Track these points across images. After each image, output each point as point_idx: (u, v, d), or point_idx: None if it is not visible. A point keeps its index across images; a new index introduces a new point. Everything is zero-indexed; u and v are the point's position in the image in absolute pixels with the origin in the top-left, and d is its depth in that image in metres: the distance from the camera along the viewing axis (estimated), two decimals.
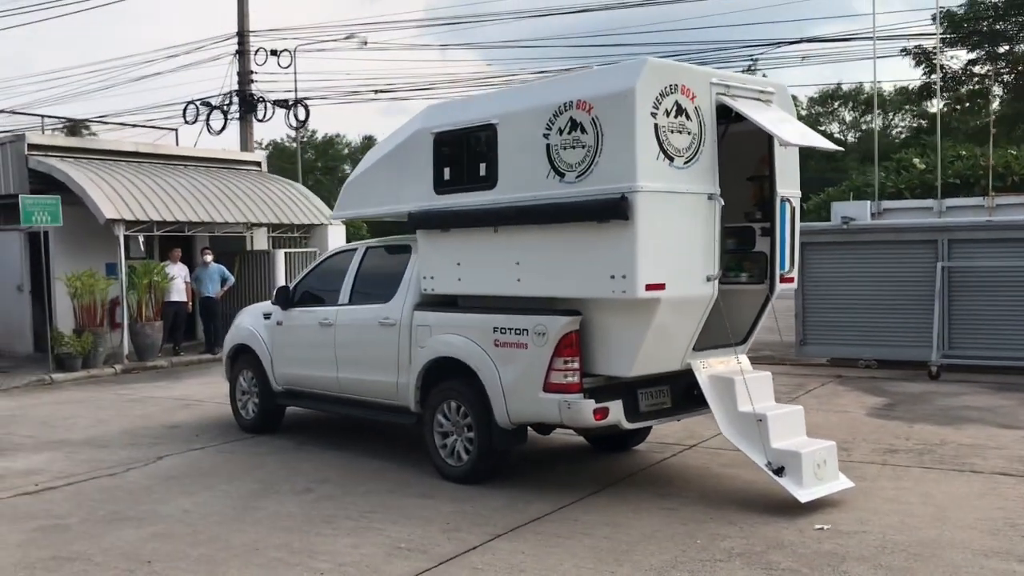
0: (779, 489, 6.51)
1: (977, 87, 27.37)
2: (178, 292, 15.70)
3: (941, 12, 24.15)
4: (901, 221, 13.77)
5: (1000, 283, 12.20)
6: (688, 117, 6.34)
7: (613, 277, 6.19)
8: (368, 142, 71.51)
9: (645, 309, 6.29)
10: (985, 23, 24.75)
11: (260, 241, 18.47)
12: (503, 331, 6.91)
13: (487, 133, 6.99)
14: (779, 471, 6.39)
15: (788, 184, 7.04)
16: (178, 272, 15.77)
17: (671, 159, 6.23)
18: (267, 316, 9.39)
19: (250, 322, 9.65)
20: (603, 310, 6.50)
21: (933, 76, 24.06)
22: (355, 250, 8.71)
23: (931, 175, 17.67)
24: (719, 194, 6.50)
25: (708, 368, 6.89)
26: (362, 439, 9.13)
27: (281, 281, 16.91)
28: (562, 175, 6.46)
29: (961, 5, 23.84)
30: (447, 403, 7.37)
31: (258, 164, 19.49)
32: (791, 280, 7.13)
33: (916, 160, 17.98)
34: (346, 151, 70.62)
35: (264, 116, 22.37)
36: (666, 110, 6.19)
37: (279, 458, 8.34)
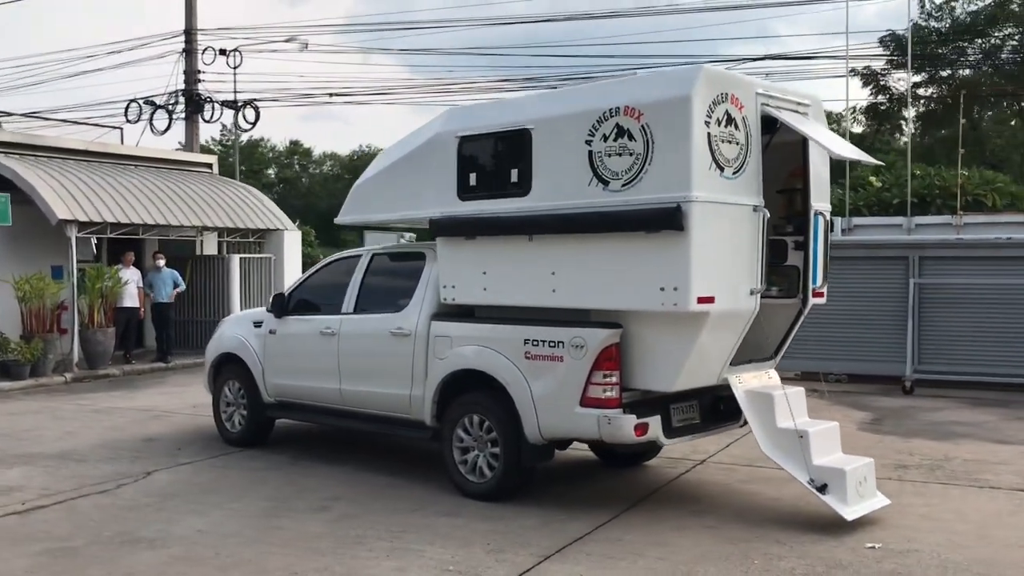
0: (810, 505, 6.50)
1: (923, 109, 28.29)
2: (131, 297, 15.02)
3: (887, 35, 24.95)
4: (873, 237, 13.97)
5: (970, 300, 12.45)
6: (736, 127, 6.22)
7: (663, 289, 6.03)
8: (295, 146, 70.44)
9: (692, 322, 6.14)
10: (929, 47, 25.53)
11: (210, 246, 17.84)
12: (535, 343, 6.68)
13: (520, 138, 6.77)
14: (822, 488, 6.30)
15: (820, 197, 6.98)
16: (131, 276, 15.09)
17: (721, 169, 6.11)
18: (258, 324, 8.97)
19: (238, 330, 9.21)
20: (646, 323, 6.32)
21: (880, 96, 24.93)
22: (359, 257, 8.37)
23: (888, 193, 18.05)
24: (763, 206, 6.40)
25: (744, 383, 6.78)
26: (359, 453, 8.78)
27: (236, 288, 16.39)
28: (606, 183, 6.28)
29: (906, 28, 24.55)
30: (469, 417, 7.10)
31: (209, 166, 18.86)
32: (822, 295, 7.07)
33: (872, 179, 18.37)
34: (271, 155, 69.38)
35: (212, 117, 21.71)
36: (718, 119, 6.07)
37: (280, 474, 7.94)
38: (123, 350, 15.19)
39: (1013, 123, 31.76)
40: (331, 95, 23.77)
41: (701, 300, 5.99)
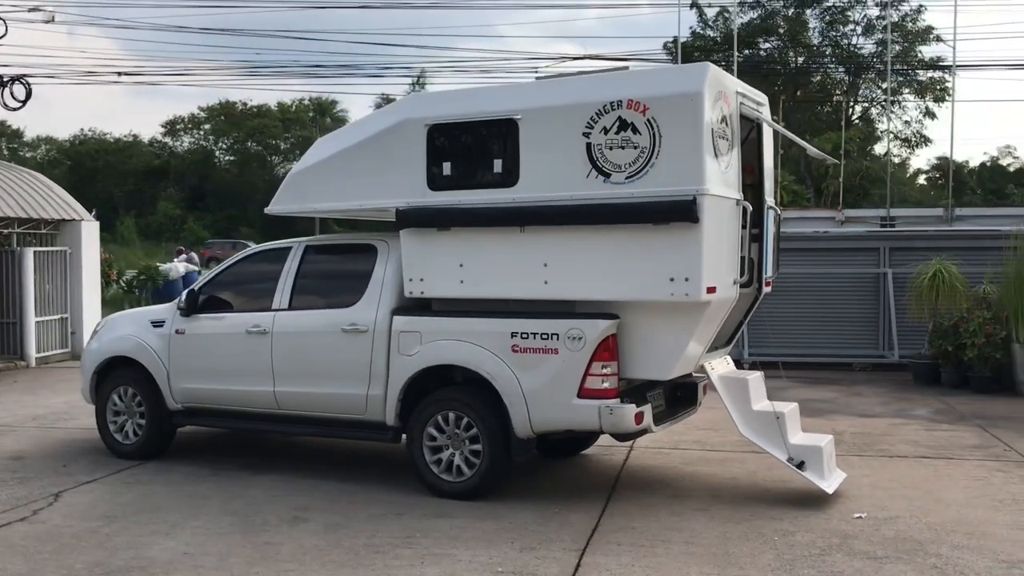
0: (771, 482, 7.09)
1: None
2: None
3: (671, 41, 26.56)
4: None
5: (792, 288, 13.60)
6: (727, 124, 6.47)
7: (673, 280, 6.16)
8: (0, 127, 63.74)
9: (694, 312, 6.33)
10: (711, 55, 27.48)
11: None
12: (524, 336, 6.59)
13: (505, 128, 6.64)
14: (800, 465, 6.71)
15: (770, 193, 7.40)
16: None
17: (719, 164, 6.33)
18: (158, 324, 8.16)
19: (130, 331, 8.32)
20: (646, 313, 6.42)
21: None
22: (288, 249, 7.83)
23: None
24: (743, 199, 6.70)
25: (715, 369, 7.07)
26: (280, 459, 8.24)
27: (31, 285, 14.70)
28: (607, 175, 6.31)
29: (687, 36, 26.32)
30: (443, 415, 6.88)
31: None
32: (770, 284, 7.49)
33: None
34: None
35: None
36: (717, 116, 6.28)
37: (214, 487, 7.28)
38: None
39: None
40: (119, 74, 21.75)
41: (709, 290, 6.19)
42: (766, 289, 7.39)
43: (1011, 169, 55.68)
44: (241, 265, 8.12)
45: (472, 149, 6.87)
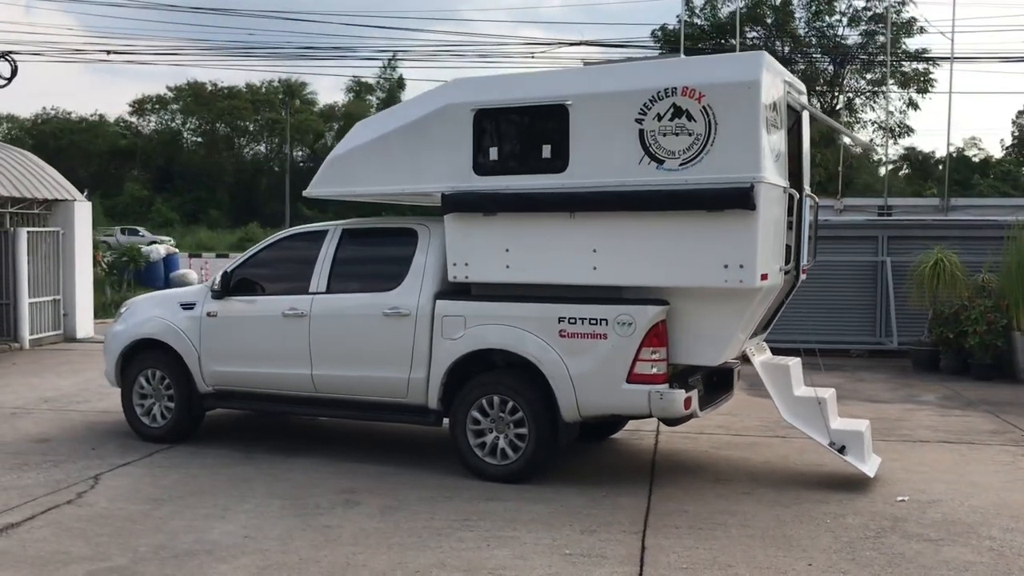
0: (805, 465, 7.25)
1: None
2: None
3: (659, 28, 26.64)
4: None
5: None
6: (777, 112, 6.54)
7: (727, 266, 6.23)
8: None
9: (746, 298, 6.41)
10: (698, 43, 27.59)
11: None
12: (572, 321, 6.63)
13: (555, 113, 6.65)
14: (842, 449, 6.83)
15: (807, 182, 7.48)
16: None
17: (772, 152, 6.40)
18: (188, 306, 8.09)
19: (159, 313, 8.24)
20: (696, 299, 6.49)
21: None
22: (323, 232, 7.78)
23: None
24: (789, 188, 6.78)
25: (756, 355, 7.16)
26: (308, 441, 8.22)
27: (24, 266, 14.47)
28: (660, 162, 6.35)
29: (674, 24, 26.34)
30: (487, 398, 6.91)
31: None
32: (805, 272, 7.59)
33: None
34: None
35: None
36: (769, 103, 6.35)
37: (253, 470, 7.24)
38: None
39: None
40: (108, 52, 21.33)
41: (763, 277, 6.27)
42: (802, 277, 7.48)
43: (976, 160, 56.73)
44: (274, 248, 8.06)
45: (520, 134, 6.90)
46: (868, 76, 29.12)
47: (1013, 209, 13.84)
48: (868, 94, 29.45)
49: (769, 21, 28.47)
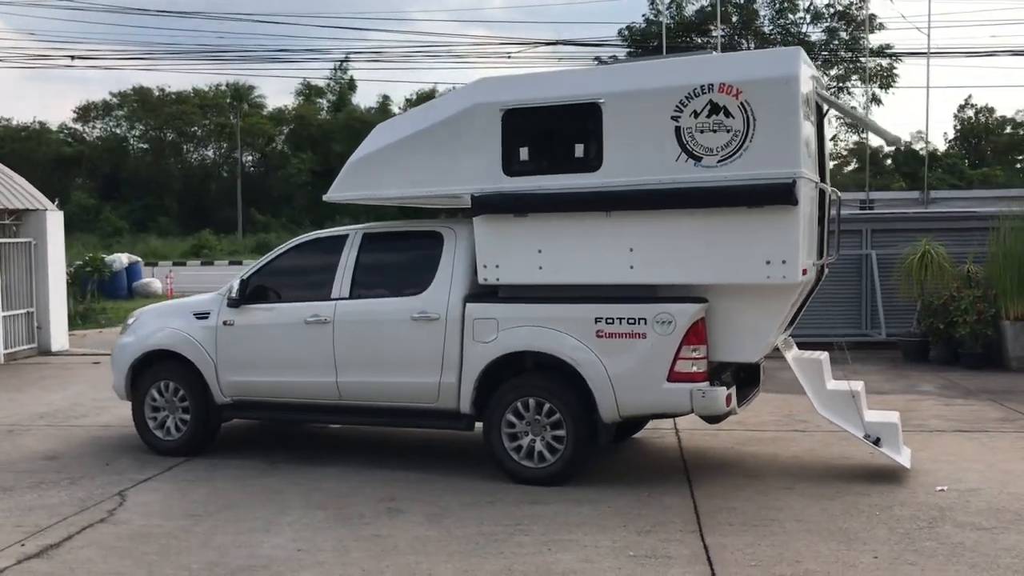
0: (835, 458, 7.32)
1: None
2: None
3: (625, 27, 26.74)
4: None
5: None
6: (809, 107, 6.57)
7: (769, 263, 6.24)
8: None
9: (786, 293, 6.43)
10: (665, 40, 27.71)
11: None
12: (610, 321, 6.59)
13: (587, 112, 6.61)
14: (877, 441, 6.88)
15: (827, 176, 7.53)
16: None
17: (807, 147, 6.43)
18: (201, 315, 7.90)
19: (172, 323, 8.03)
20: (734, 296, 6.49)
21: None
22: (343, 237, 7.64)
23: None
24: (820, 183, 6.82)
25: (786, 350, 7.19)
26: (328, 450, 8.09)
27: None
28: (698, 159, 6.34)
29: (640, 23, 26.47)
30: (522, 401, 6.84)
31: None
32: (827, 267, 7.64)
33: None
34: None
35: None
36: (804, 99, 6.37)
37: (283, 481, 7.08)
38: None
39: None
40: (72, 57, 20.74)
41: (804, 271, 6.29)
42: (825, 272, 7.54)
43: (922, 153, 57.95)
44: (290, 255, 7.90)
45: (551, 134, 6.83)
46: (832, 72, 29.68)
47: (991, 201, 14.11)
48: (833, 90, 29.94)
49: (734, 19, 28.78)
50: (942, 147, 59.33)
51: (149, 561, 5.40)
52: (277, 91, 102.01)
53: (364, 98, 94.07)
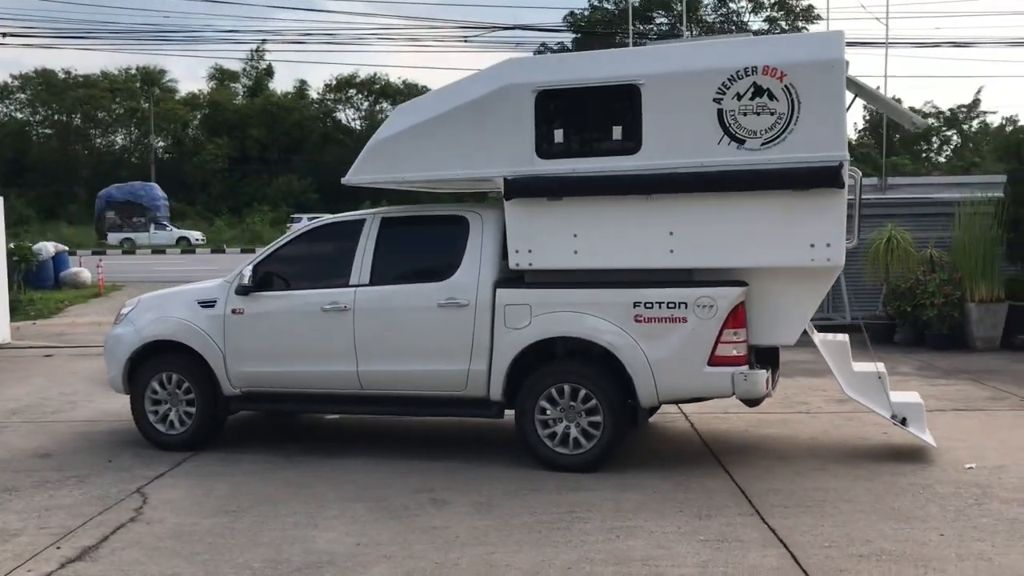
0: (857, 439, 7.49)
1: None
2: None
3: (568, 14, 26.71)
4: None
5: None
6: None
7: (814, 246, 6.26)
8: None
9: (828, 276, 6.48)
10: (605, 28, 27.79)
11: None
12: (648, 305, 6.53)
13: (626, 94, 6.52)
14: (903, 421, 7.00)
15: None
16: None
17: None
18: (207, 304, 7.56)
19: (175, 313, 7.67)
20: (774, 279, 6.50)
21: None
22: (360, 222, 7.40)
23: None
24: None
25: (813, 333, 7.25)
26: (342, 441, 7.86)
27: None
28: (741, 141, 6.32)
29: (584, 9, 26.45)
30: (556, 387, 6.73)
31: None
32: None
33: None
34: None
35: None
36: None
37: (310, 475, 6.82)
38: None
39: None
40: (4, 35, 19.64)
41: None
42: None
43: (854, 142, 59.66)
44: (302, 241, 7.63)
45: (587, 116, 6.73)
46: None
47: (944, 187, 14.53)
48: None
49: (677, 9, 29.06)
50: (853, 137, 61.12)
51: (203, 560, 5.13)
52: (186, 76, 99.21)
53: (281, 83, 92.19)
